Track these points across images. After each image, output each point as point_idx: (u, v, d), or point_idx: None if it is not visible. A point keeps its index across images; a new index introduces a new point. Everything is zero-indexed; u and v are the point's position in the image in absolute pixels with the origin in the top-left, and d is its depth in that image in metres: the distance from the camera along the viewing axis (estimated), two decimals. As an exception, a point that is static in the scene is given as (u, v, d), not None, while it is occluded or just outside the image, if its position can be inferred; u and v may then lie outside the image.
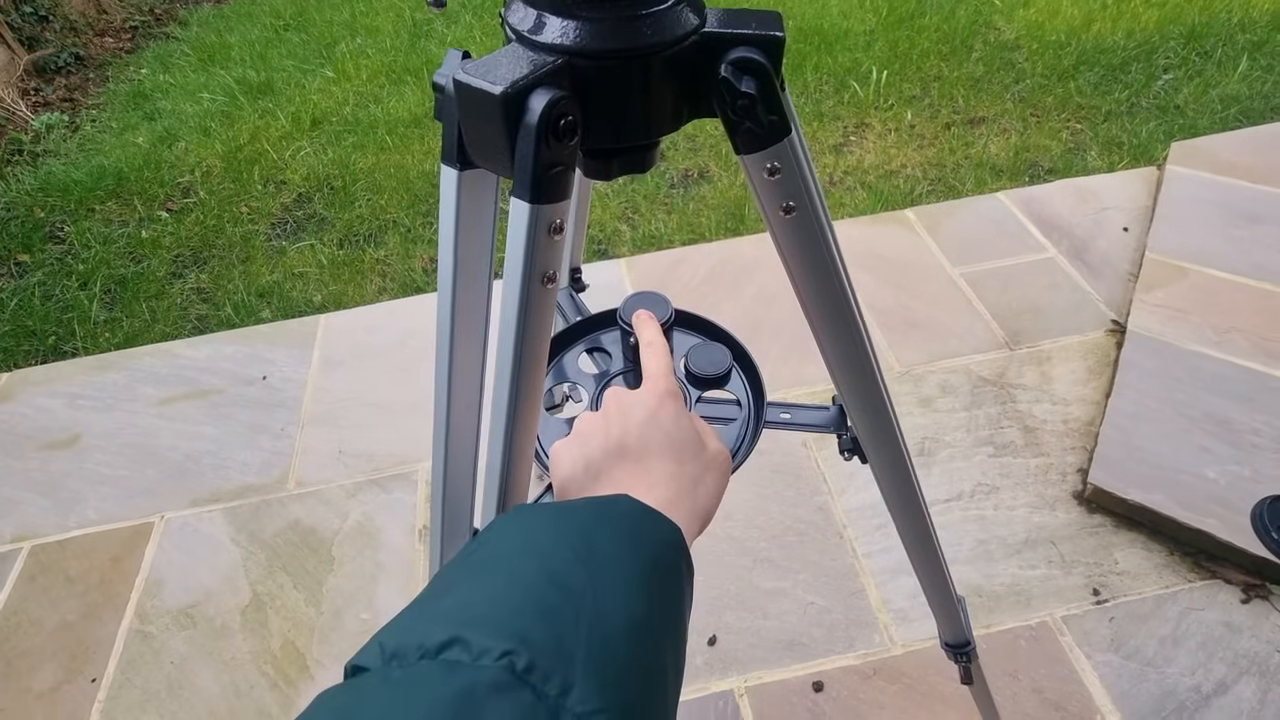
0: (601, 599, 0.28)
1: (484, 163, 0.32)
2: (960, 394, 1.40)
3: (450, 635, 0.25)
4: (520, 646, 0.25)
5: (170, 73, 2.82)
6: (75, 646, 1.17)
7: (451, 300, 0.34)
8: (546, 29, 0.30)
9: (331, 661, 1.13)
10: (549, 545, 0.29)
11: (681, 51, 0.31)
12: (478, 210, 0.33)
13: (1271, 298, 1.46)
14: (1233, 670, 1.02)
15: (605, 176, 0.34)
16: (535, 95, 0.29)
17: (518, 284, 0.31)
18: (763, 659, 1.08)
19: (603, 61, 0.30)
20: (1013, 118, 2.18)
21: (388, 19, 3.00)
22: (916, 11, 2.65)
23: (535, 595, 0.27)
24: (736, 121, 0.32)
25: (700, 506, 0.37)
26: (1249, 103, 2.10)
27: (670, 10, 0.31)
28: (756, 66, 0.31)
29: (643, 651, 0.28)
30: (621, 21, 0.30)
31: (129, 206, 2.16)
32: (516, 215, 0.30)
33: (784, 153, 0.33)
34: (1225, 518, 1.12)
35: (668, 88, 0.32)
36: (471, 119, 0.30)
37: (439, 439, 0.38)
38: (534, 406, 0.35)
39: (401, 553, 1.25)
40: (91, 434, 1.47)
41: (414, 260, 1.90)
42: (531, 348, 0.33)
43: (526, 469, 0.37)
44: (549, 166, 0.29)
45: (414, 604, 0.29)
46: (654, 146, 0.35)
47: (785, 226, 0.35)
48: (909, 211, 1.80)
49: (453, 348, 0.35)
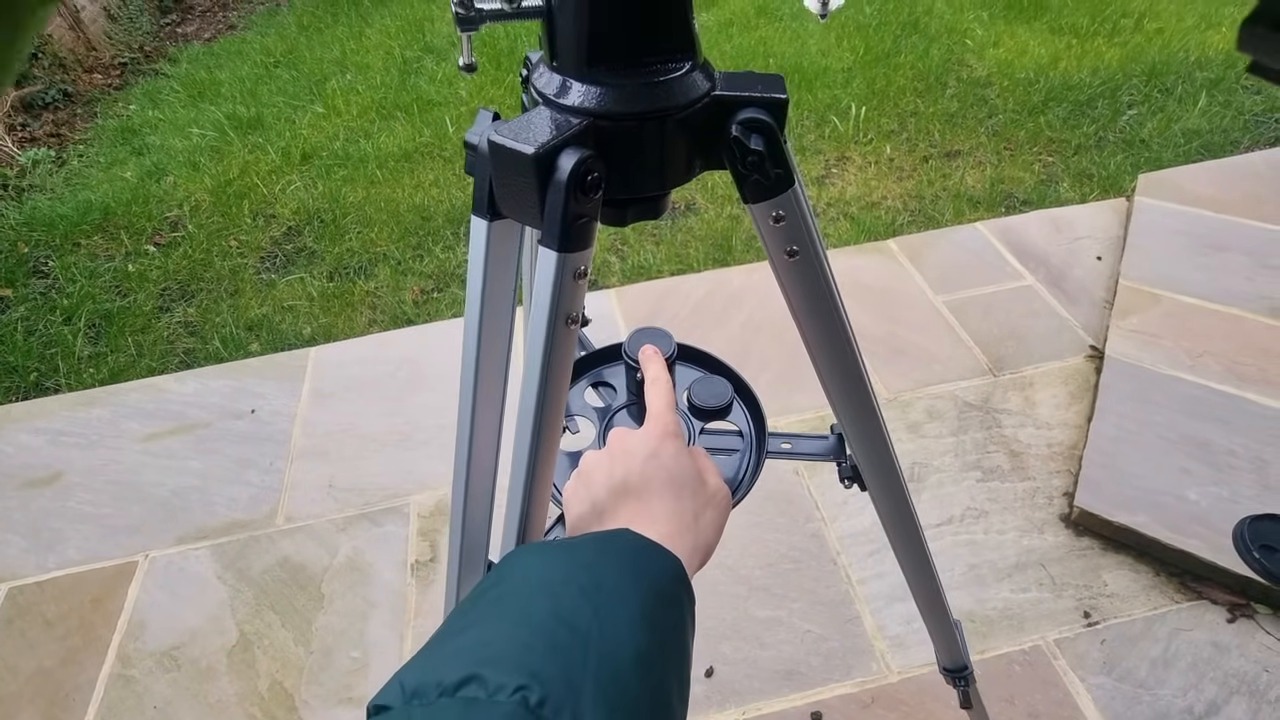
0: (607, 633, 0.29)
1: (514, 215, 0.34)
2: (947, 419, 1.43)
3: (467, 673, 0.27)
4: (533, 682, 0.26)
5: (159, 108, 2.83)
6: (54, 693, 1.13)
7: (477, 340, 0.36)
8: (571, 93, 0.33)
9: (320, 702, 1.11)
10: (557, 582, 0.31)
11: (694, 113, 0.34)
12: (504, 258, 0.35)
13: (1240, 322, 1.52)
14: (1223, 690, 1.04)
15: (620, 223, 0.36)
16: (564, 155, 0.31)
17: (544, 324, 0.33)
18: (760, 689, 1.08)
19: (623, 123, 0.33)
20: (987, 151, 2.26)
21: (378, 56, 3.05)
22: (892, 50, 2.75)
23: (545, 632, 0.29)
24: (745, 174, 0.35)
25: (701, 541, 0.38)
26: (1210, 136, 2.20)
27: (685, 76, 0.34)
28: (764, 126, 0.34)
29: (648, 681, 0.29)
30: (641, 87, 0.33)
31: (115, 241, 2.15)
32: (544, 262, 0.32)
33: (788, 202, 0.35)
34: (1208, 538, 1.15)
35: (681, 144, 0.35)
36: (505, 175, 0.32)
37: (460, 472, 0.39)
38: (554, 438, 0.37)
39: (393, 588, 1.23)
40: (74, 471, 1.45)
41: (404, 292, 1.91)
42: (554, 384, 0.34)
43: (545, 498, 0.38)
44: (576, 218, 0.32)
45: (432, 642, 0.31)
46: (666, 195, 0.37)
47: (789, 269, 0.37)
48: (891, 241, 1.85)
49: (477, 385, 0.37)
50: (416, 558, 1.28)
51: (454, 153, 2.42)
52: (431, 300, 1.89)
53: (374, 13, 3.46)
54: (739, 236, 1.99)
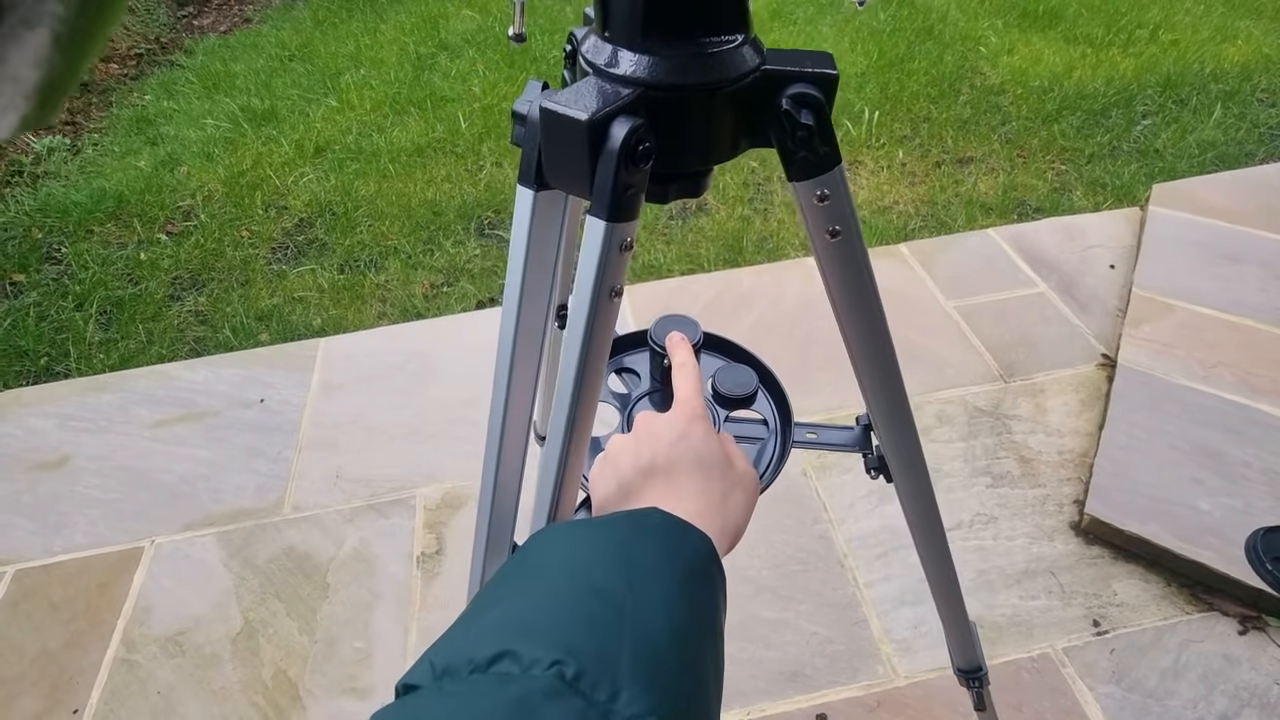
0: (642, 607, 0.28)
1: (562, 185, 0.34)
2: (957, 424, 1.42)
3: (500, 649, 0.26)
4: (568, 656, 0.25)
5: (174, 99, 2.84)
6: (58, 675, 1.13)
7: (517, 312, 0.36)
8: (622, 62, 0.33)
9: (323, 692, 1.10)
10: (588, 558, 0.30)
11: (744, 87, 0.34)
12: (547, 230, 0.35)
13: (1254, 334, 1.51)
14: (1234, 703, 1.03)
15: (661, 200, 0.36)
16: (617, 123, 0.31)
17: (589, 296, 0.33)
18: (765, 690, 1.07)
19: (674, 93, 0.32)
20: (1000, 158, 2.25)
21: (392, 51, 3.06)
22: (906, 56, 2.75)
23: (579, 606, 0.28)
24: (793, 150, 0.34)
25: (730, 522, 0.38)
26: (1224, 148, 2.20)
27: (737, 48, 0.33)
28: (814, 101, 0.34)
29: (684, 656, 0.28)
30: (693, 58, 0.32)
31: (128, 228, 2.16)
32: (592, 233, 0.32)
33: (834, 181, 0.35)
34: (1220, 549, 1.14)
35: (729, 119, 0.34)
36: (555, 144, 0.32)
37: (491, 451, 0.39)
38: (590, 413, 0.36)
39: (398, 580, 1.23)
40: (82, 456, 1.45)
41: (414, 286, 1.91)
42: (594, 357, 0.34)
43: (577, 477, 0.38)
44: (625, 189, 0.31)
45: (459, 621, 0.30)
46: (709, 173, 0.37)
47: (830, 250, 0.37)
48: (903, 246, 1.85)
49: (514, 360, 0.36)
50: (422, 550, 1.28)
51: (466, 149, 2.42)
52: (441, 294, 1.89)
53: (389, 8, 3.47)
54: (750, 237, 1.99)
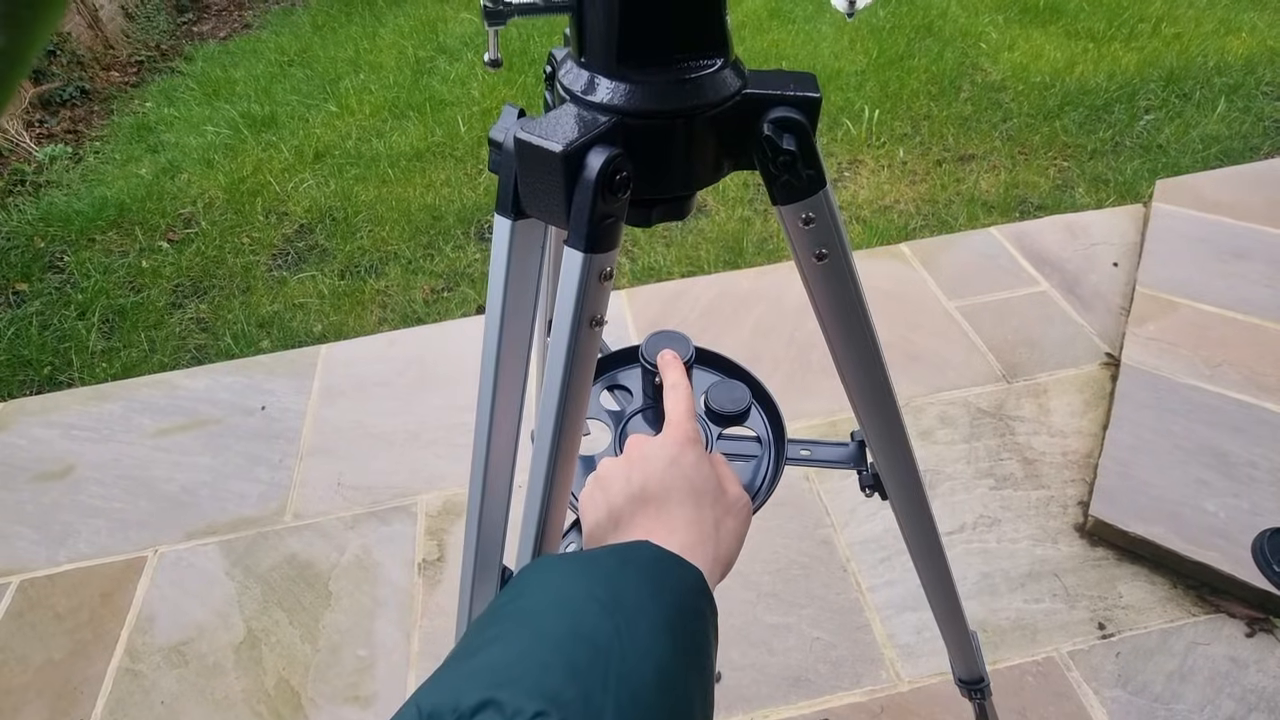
0: (628, 650, 0.28)
1: (539, 214, 0.33)
2: (960, 426, 1.41)
3: (484, 697, 0.26)
4: (551, 706, 0.26)
5: (175, 106, 2.85)
6: (62, 685, 1.13)
7: (498, 340, 0.35)
8: (599, 90, 0.32)
9: (326, 700, 1.11)
10: (577, 598, 0.30)
11: (725, 111, 0.33)
12: (526, 258, 0.35)
13: (1260, 332, 1.49)
14: (1241, 707, 1.02)
15: (645, 224, 0.36)
16: (593, 153, 0.30)
17: (568, 326, 0.32)
18: (769, 696, 1.07)
19: (652, 121, 0.32)
20: (1001, 155, 2.24)
21: (391, 56, 3.06)
22: (905, 54, 2.74)
23: (565, 652, 0.28)
24: (776, 175, 0.34)
25: (722, 551, 0.37)
26: (1229, 143, 2.18)
27: (716, 73, 0.33)
28: (796, 125, 0.33)
29: (670, 697, 0.28)
30: (671, 84, 0.32)
31: (130, 236, 2.17)
32: (570, 263, 0.31)
33: (819, 204, 0.34)
34: (1226, 550, 1.13)
35: (710, 144, 0.34)
36: (531, 174, 0.32)
37: (476, 474, 0.39)
38: (574, 442, 0.36)
39: (400, 587, 1.23)
40: (86, 465, 1.45)
41: (415, 291, 1.91)
42: (576, 386, 0.34)
43: (563, 503, 0.38)
44: (603, 218, 0.31)
45: (448, 662, 0.30)
46: (692, 196, 0.36)
47: (817, 272, 0.36)
48: (904, 245, 1.84)
49: (496, 386, 0.36)
50: (424, 557, 1.28)
51: (466, 153, 2.42)
52: (442, 299, 1.89)
53: (388, 13, 3.47)
54: (750, 239, 1.98)
